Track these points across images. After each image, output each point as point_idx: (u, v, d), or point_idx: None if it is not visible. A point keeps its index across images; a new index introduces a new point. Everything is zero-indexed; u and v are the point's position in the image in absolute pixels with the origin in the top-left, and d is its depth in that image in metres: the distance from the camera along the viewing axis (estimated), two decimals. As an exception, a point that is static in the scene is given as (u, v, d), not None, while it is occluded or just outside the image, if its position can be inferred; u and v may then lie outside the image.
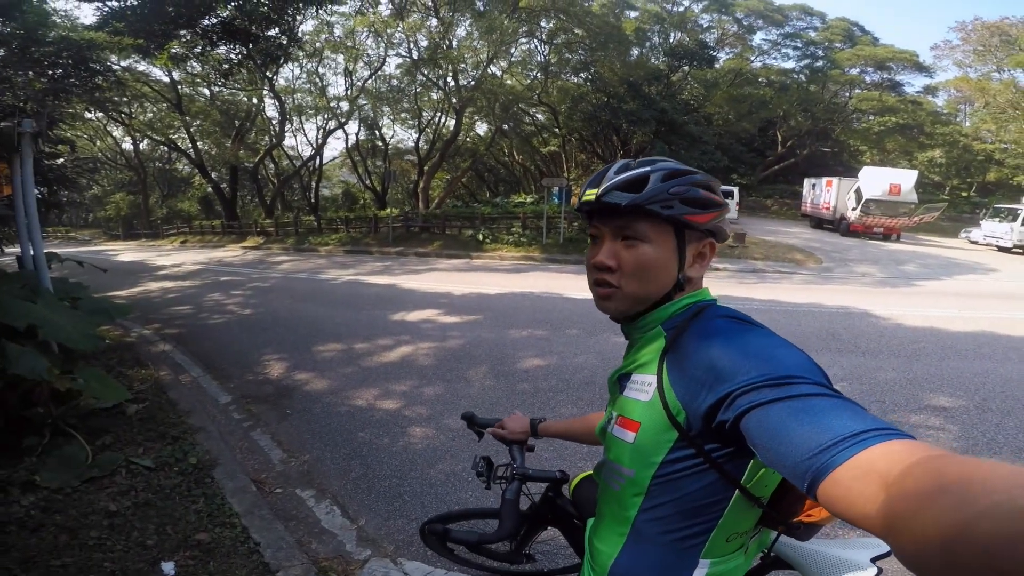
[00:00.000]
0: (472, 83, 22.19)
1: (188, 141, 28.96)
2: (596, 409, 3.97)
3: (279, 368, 5.33)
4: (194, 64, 15.60)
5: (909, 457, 0.46)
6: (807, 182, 25.37)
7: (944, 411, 4.08)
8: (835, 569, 0.99)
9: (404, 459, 3.41)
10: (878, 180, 20.14)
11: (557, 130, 29.80)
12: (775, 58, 33.63)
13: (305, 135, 42.66)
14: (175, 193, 43.25)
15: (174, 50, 9.75)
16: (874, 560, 0.97)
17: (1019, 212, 18.84)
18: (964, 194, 32.27)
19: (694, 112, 28.32)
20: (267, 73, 21.17)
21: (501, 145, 32.30)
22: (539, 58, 26.37)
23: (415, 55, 22.46)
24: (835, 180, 22.22)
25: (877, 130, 29.93)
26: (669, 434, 0.79)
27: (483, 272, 12.57)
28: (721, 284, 10.81)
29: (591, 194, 0.89)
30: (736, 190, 21.97)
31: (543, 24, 23.96)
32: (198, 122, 27.66)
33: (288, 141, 32.88)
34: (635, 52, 28.63)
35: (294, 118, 29.25)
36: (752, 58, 33.30)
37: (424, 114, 27.66)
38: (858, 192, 20.35)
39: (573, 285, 10.12)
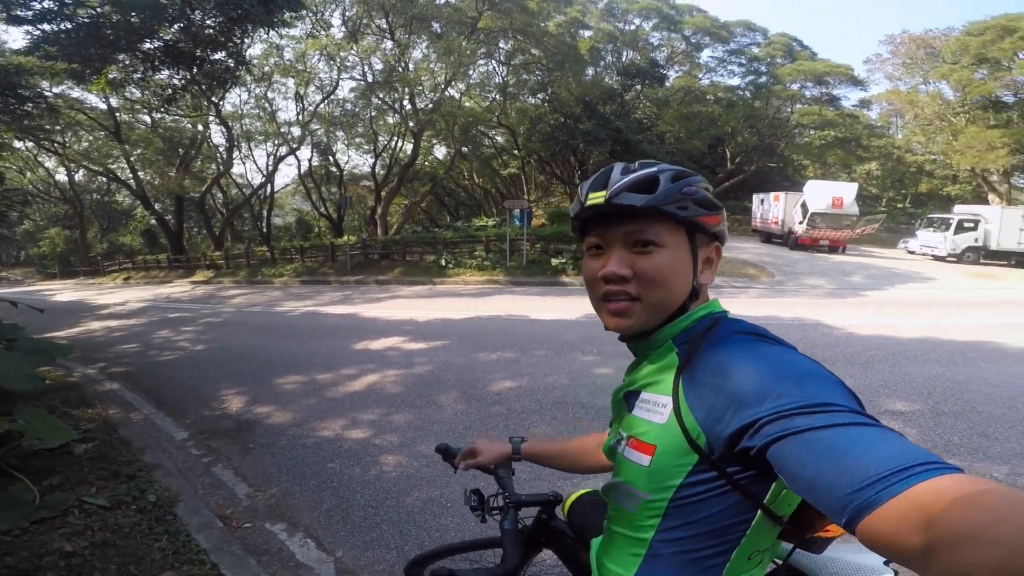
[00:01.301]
0: (430, 106, 22.26)
1: (128, 171, 27.66)
2: (570, 428, 4.04)
3: (238, 402, 5.09)
4: (133, 90, 15.06)
5: (957, 491, 0.44)
6: (756, 197, 26.29)
7: (902, 415, 4.22)
8: (848, 572, 0.97)
9: (378, 488, 3.29)
10: (822, 194, 20.98)
11: (516, 152, 30.15)
12: (721, 75, 35.18)
13: (255, 162, 41.72)
14: (115, 226, 41.28)
15: (112, 75, 9.35)
16: (887, 563, 0.95)
17: (951, 222, 20.05)
18: (900, 205, 34.29)
19: (647, 131, 29.15)
20: (213, 98, 20.68)
21: (460, 168, 32.46)
22: (497, 79, 26.79)
23: (370, 78, 22.42)
24: (782, 195, 23.04)
25: (818, 144, 31.48)
26: (688, 457, 0.74)
27: (447, 297, 12.46)
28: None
29: (598, 197, 0.82)
30: None
31: (501, 45, 24.38)
32: (139, 150, 26.60)
33: (237, 168, 32.14)
34: (590, 72, 29.42)
35: (242, 144, 28.62)
36: (700, 76, 34.65)
37: (380, 138, 27.54)
38: (804, 206, 21.22)
39: (539, 306, 10.13)
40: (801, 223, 21.08)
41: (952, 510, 0.42)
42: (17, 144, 21.08)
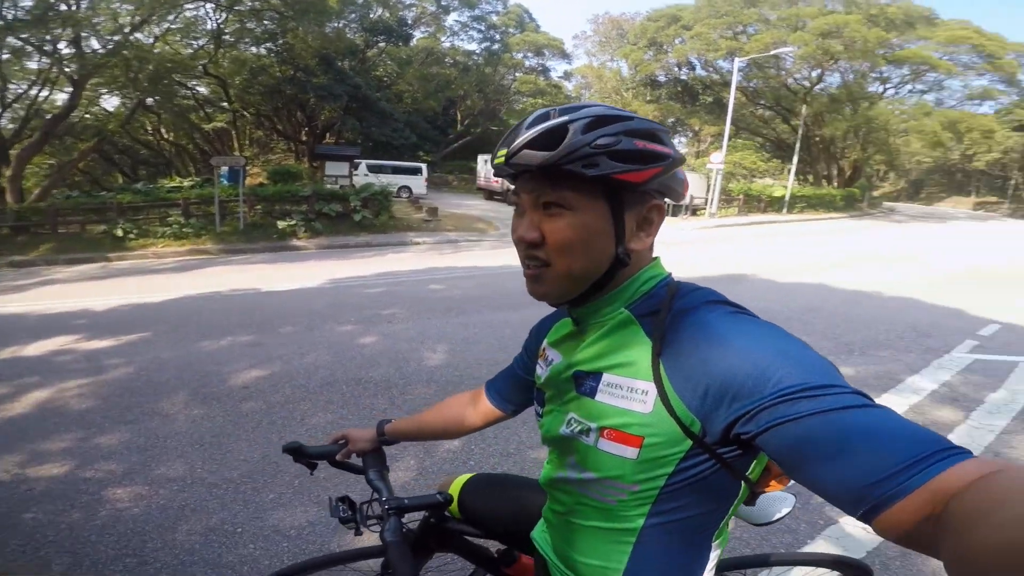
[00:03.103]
0: (106, 49, 16.99)
1: None
2: (353, 408, 3.73)
3: None
4: None
5: (970, 476, 0.44)
6: (480, 158, 28.10)
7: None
8: (766, 504, 1.02)
9: (125, 531, 2.46)
10: None
11: (226, 104, 25.93)
12: (463, 39, 36.43)
13: None
14: None
15: None
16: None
17: None
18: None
19: (386, 89, 28.51)
20: None
21: (143, 121, 26.20)
22: (211, 25, 21.96)
23: (11, 15, 15.80)
24: None
25: (530, 111, 35.52)
26: (681, 445, 0.69)
27: (134, 276, 9.84)
28: (423, 257, 11.39)
29: (501, 155, 0.74)
30: (424, 166, 24.10)
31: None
32: None
33: None
34: (335, 24, 26.81)
35: None
36: (443, 38, 35.29)
37: (11, 86, 20.00)
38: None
39: (270, 276, 8.98)
40: (515, 181, 24.04)
41: (962, 496, 0.42)
42: None
